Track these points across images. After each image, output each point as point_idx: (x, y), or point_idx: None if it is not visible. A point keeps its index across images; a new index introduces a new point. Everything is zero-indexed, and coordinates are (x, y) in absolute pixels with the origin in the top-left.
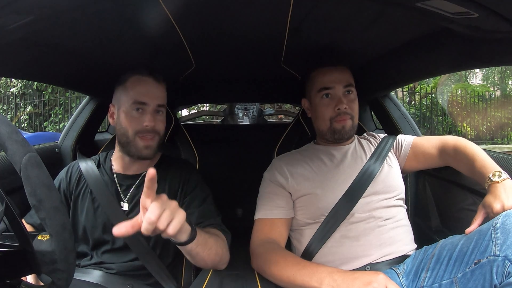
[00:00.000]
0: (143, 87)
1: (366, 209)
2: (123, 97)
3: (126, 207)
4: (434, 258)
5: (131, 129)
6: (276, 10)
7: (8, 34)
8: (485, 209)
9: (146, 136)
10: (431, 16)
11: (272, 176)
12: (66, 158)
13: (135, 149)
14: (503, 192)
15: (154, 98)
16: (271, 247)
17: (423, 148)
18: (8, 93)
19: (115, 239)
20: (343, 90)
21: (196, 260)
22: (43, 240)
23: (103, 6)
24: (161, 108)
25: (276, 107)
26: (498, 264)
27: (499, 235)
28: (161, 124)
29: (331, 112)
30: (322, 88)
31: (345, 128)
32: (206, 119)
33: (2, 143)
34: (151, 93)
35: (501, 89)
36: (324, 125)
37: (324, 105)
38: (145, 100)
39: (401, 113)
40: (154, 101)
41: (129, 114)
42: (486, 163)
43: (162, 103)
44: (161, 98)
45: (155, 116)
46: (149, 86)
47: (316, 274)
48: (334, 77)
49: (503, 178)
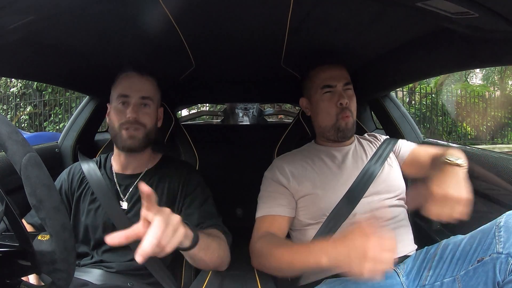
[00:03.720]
0: (126, 81)
1: (368, 209)
2: (112, 94)
3: (125, 206)
4: (437, 257)
5: (116, 122)
6: (276, 10)
7: (8, 34)
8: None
9: (130, 127)
10: (431, 16)
11: (274, 175)
12: (66, 158)
13: (120, 141)
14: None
15: (137, 90)
16: (266, 240)
17: (419, 157)
18: (8, 93)
19: None
20: (343, 87)
21: (197, 263)
22: (43, 240)
23: (103, 6)
24: (145, 101)
25: (276, 107)
26: (502, 261)
27: (502, 233)
28: (147, 116)
29: (334, 108)
30: (324, 86)
31: (348, 125)
32: (206, 119)
33: (2, 143)
34: (134, 85)
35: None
36: (329, 120)
37: (327, 100)
38: (128, 92)
39: (401, 113)
40: (137, 94)
41: (116, 108)
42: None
43: (146, 95)
44: (144, 91)
45: (139, 108)
46: (132, 80)
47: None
48: (335, 74)
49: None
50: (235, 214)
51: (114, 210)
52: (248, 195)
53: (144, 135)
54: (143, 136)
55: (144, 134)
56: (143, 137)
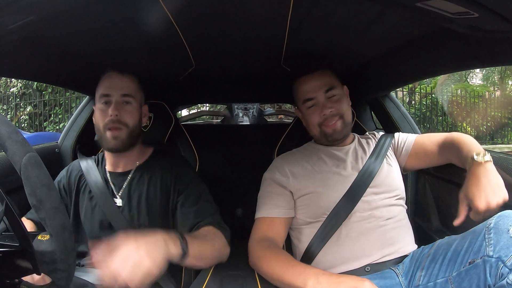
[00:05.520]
0: (107, 81)
1: (367, 208)
2: (96, 96)
3: (120, 203)
4: (430, 257)
5: (101, 123)
6: (276, 10)
7: (8, 34)
8: (467, 201)
9: (112, 127)
10: (431, 16)
11: (273, 175)
12: (66, 158)
13: (105, 142)
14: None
15: (118, 88)
16: (266, 244)
17: (424, 146)
18: (8, 93)
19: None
20: (324, 96)
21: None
22: (43, 240)
23: (103, 6)
24: (127, 98)
25: (276, 107)
26: (492, 265)
27: (492, 235)
28: (129, 115)
29: (317, 118)
30: (305, 100)
31: (336, 131)
32: (206, 119)
33: (2, 143)
34: (114, 84)
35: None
36: (315, 130)
37: (311, 113)
38: (109, 91)
39: (401, 113)
40: (118, 92)
41: (99, 108)
42: (473, 146)
43: (127, 92)
44: (125, 88)
45: (121, 106)
46: (112, 79)
47: (303, 274)
48: (313, 85)
49: (486, 160)
50: (235, 214)
51: (109, 208)
52: (248, 195)
53: (127, 135)
54: (126, 136)
55: (127, 133)
56: (127, 137)
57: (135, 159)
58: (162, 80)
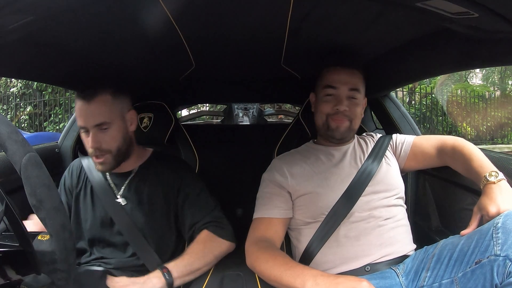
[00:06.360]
0: (78, 111)
1: (366, 208)
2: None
3: (121, 202)
4: (435, 258)
5: (88, 150)
6: (276, 10)
7: (8, 34)
8: (480, 212)
9: (96, 155)
10: (431, 16)
11: (272, 176)
12: (66, 158)
13: (96, 166)
14: (499, 195)
15: (88, 118)
16: (264, 245)
17: (422, 148)
18: (8, 93)
19: (113, 235)
20: (347, 93)
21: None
22: (43, 240)
23: (103, 6)
24: (102, 126)
25: (276, 107)
26: (499, 263)
27: (500, 234)
28: (109, 141)
29: (329, 109)
30: (326, 86)
31: (339, 129)
32: (206, 119)
33: (2, 143)
34: (83, 114)
35: (501, 89)
36: (320, 120)
37: (325, 102)
38: (82, 124)
39: (401, 113)
40: (89, 123)
41: (82, 137)
42: (483, 163)
43: (100, 121)
44: (96, 116)
45: (97, 135)
46: (81, 108)
47: (301, 276)
48: (341, 77)
49: (499, 179)
50: (235, 214)
51: (111, 206)
52: (248, 195)
53: (113, 157)
54: (112, 159)
55: (113, 157)
56: (113, 159)
57: (134, 160)
58: (162, 80)
